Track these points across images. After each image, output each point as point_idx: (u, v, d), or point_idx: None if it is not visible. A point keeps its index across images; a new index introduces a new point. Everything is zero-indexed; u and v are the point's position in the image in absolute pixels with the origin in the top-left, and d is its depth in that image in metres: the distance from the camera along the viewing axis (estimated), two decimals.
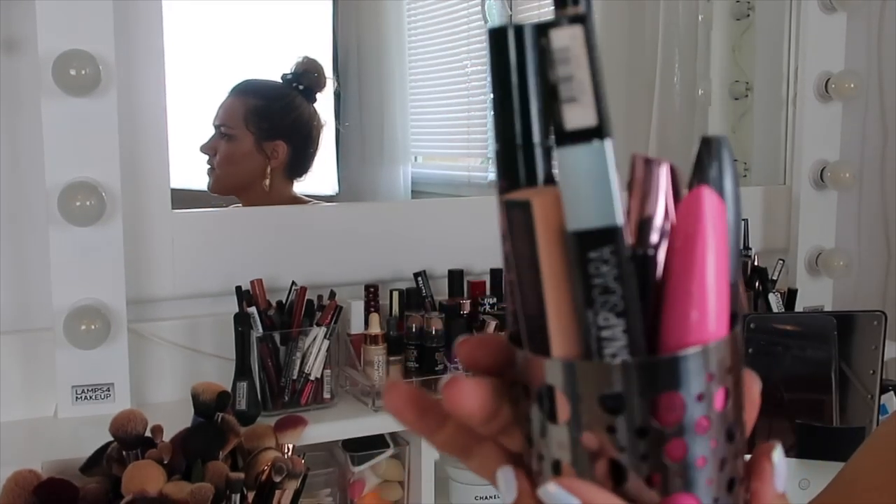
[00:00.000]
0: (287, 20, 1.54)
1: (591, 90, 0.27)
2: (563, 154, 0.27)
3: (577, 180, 0.27)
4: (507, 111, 0.29)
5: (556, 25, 0.27)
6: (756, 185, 1.67)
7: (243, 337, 1.09)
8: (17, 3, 1.08)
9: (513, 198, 0.28)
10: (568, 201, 0.27)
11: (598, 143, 0.27)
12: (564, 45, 0.27)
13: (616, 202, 0.27)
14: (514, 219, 0.28)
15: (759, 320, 1.26)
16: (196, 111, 1.46)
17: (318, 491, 1.17)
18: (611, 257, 0.27)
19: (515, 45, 0.29)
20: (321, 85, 1.48)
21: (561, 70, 0.27)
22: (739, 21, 1.75)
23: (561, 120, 0.27)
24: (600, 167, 0.27)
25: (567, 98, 0.27)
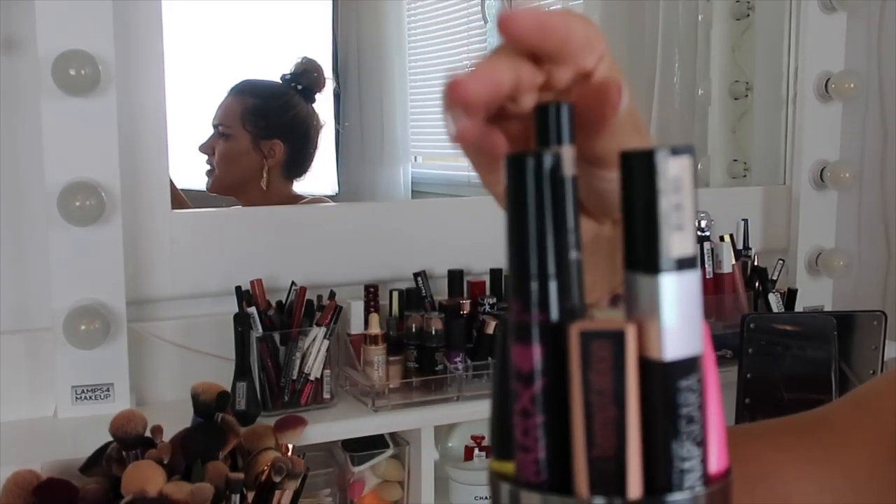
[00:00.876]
0: (287, 20, 1.54)
1: (692, 219, 0.27)
2: (664, 282, 0.27)
3: (675, 308, 0.27)
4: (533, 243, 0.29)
5: (671, 154, 0.27)
6: (756, 185, 1.67)
7: (243, 337, 1.09)
8: (17, 3, 1.08)
9: (597, 328, 0.27)
10: (667, 330, 0.27)
11: (694, 271, 0.27)
12: (678, 175, 0.27)
13: (703, 328, 0.28)
14: (595, 351, 0.27)
15: (759, 320, 1.26)
16: (196, 111, 1.46)
17: (317, 491, 1.17)
18: (697, 385, 0.28)
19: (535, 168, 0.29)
20: (320, 85, 1.49)
21: (672, 199, 0.27)
22: (739, 21, 1.75)
23: (665, 248, 0.27)
24: (694, 294, 0.28)
25: (675, 226, 0.27)
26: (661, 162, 0.27)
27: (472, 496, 1.26)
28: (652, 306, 0.27)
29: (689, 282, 0.27)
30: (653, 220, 0.27)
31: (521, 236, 0.29)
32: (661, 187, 0.27)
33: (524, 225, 0.29)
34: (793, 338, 1.23)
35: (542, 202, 0.29)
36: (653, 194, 0.27)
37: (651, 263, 0.27)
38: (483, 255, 1.30)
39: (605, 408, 0.27)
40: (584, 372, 0.27)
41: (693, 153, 0.28)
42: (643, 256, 0.27)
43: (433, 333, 1.16)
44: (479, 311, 1.23)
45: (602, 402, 0.27)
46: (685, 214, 0.27)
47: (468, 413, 1.18)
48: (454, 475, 1.27)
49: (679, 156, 0.27)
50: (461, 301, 1.23)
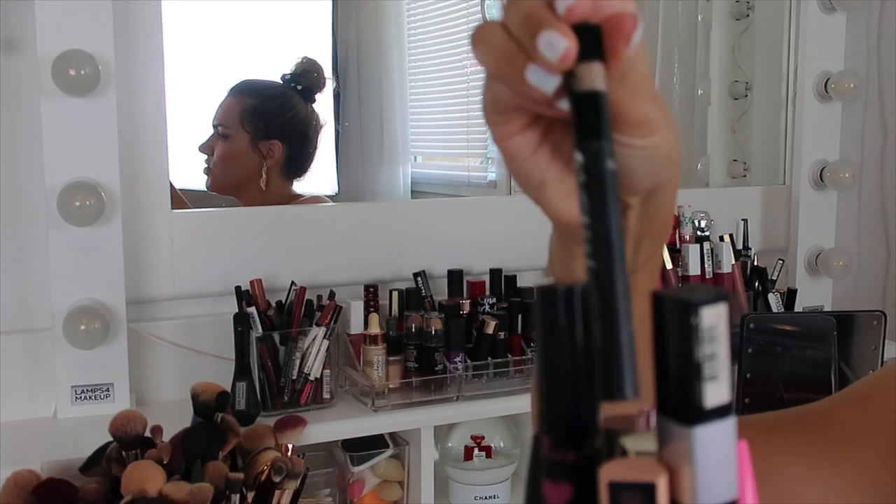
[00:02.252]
0: (287, 20, 1.54)
1: (727, 367, 0.27)
2: (698, 433, 0.27)
3: (710, 457, 0.27)
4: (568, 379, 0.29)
5: (707, 303, 0.27)
6: (756, 185, 1.67)
7: (243, 337, 1.09)
8: (17, 3, 1.08)
9: (621, 479, 0.27)
10: (702, 480, 0.27)
11: (728, 420, 0.27)
12: (712, 324, 0.27)
13: (736, 471, 0.27)
14: (625, 502, 0.27)
15: (759, 320, 1.26)
16: (196, 111, 1.46)
17: (317, 491, 1.17)
18: None
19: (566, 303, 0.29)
20: (320, 85, 1.49)
21: (707, 348, 0.26)
22: (739, 21, 1.75)
23: (700, 398, 0.27)
24: (729, 443, 0.27)
25: (709, 376, 0.26)
26: (695, 313, 0.26)
27: (471, 496, 1.26)
28: (686, 456, 0.27)
29: (724, 429, 0.27)
30: (686, 372, 0.27)
31: (551, 371, 0.29)
32: (695, 338, 0.26)
33: (556, 362, 0.29)
34: (792, 338, 1.23)
35: (574, 340, 0.29)
36: (687, 346, 0.26)
37: (684, 415, 0.27)
38: (483, 255, 1.30)
39: None
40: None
41: (728, 299, 0.27)
42: (676, 407, 0.27)
43: (433, 333, 1.16)
44: (479, 311, 1.23)
45: None
46: (720, 363, 0.27)
47: (468, 413, 1.18)
48: (454, 475, 1.27)
49: (714, 304, 0.27)
50: (461, 301, 1.23)
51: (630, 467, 0.27)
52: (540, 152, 0.39)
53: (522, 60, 0.34)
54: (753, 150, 1.75)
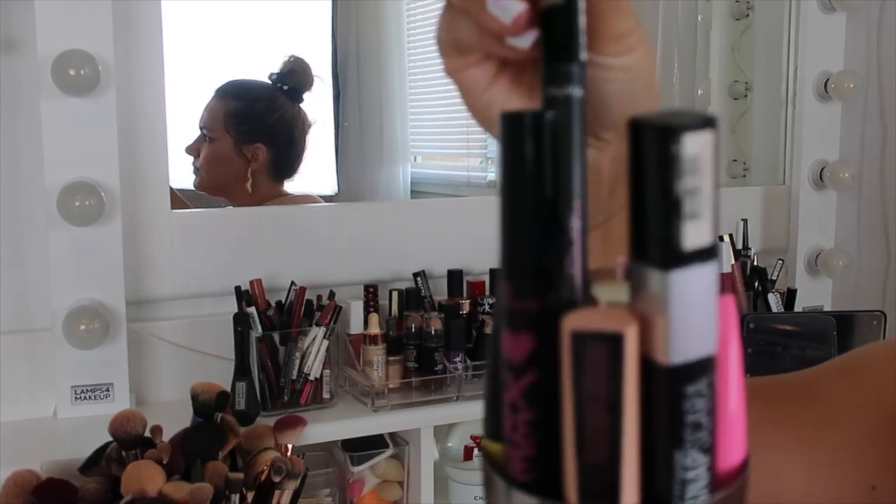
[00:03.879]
0: (286, 20, 1.54)
1: (712, 205, 0.24)
2: (675, 278, 0.23)
3: (687, 307, 0.24)
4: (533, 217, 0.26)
5: (687, 129, 0.23)
6: (756, 185, 1.67)
7: (242, 337, 1.09)
8: (17, 3, 1.08)
9: (586, 329, 0.24)
10: (676, 331, 0.24)
11: (711, 264, 0.24)
12: (695, 154, 0.23)
13: (716, 325, 0.24)
14: (589, 354, 0.24)
15: (759, 320, 1.26)
16: (195, 111, 1.46)
17: (317, 491, 1.17)
18: (707, 389, 0.24)
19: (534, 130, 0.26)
20: (307, 85, 1.47)
21: (688, 181, 0.23)
22: (739, 21, 1.75)
23: (678, 238, 0.23)
24: (710, 291, 0.24)
25: (690, 214, 0.23)
26: (676, 140, 0.23)
27: (471, 496, 1.26)
28: (660, 304, 0.24)
29: (705, 276, 0.24)
30: (664, 208, 0.23)
31: (514, 210, 0.26)
32: (675, 169, 0.23)
33: (519, 198, 0.26)
34: (792, 338, 1.23)
35: (543, 174, 0.25)
36: (665, 178, 0.23)
37: (660, 257, 0.23)
38: (483, 255, 1.30)
39: (598, 415, 0.24)
40: (576, 376, 0.24)
41: (716, 126, 0.24)
42: (651, 248, 0.24)
43: (433, 333, 1.16)
44: (479, 311, 1.23)
45: (595, 409, 0.24)
46: (702, 199, 0.23)
47: (468, 413, 1.18)
48: (454, 475, 1.27)
49: (699, 131, 0.23)
50: (460, 301, 1.23)
51: (597, 317, 0.25)
52: (498, 82, 0.36)
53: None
54: (753, 150, 1.75)
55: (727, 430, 0.26)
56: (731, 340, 0.26)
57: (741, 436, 0.27)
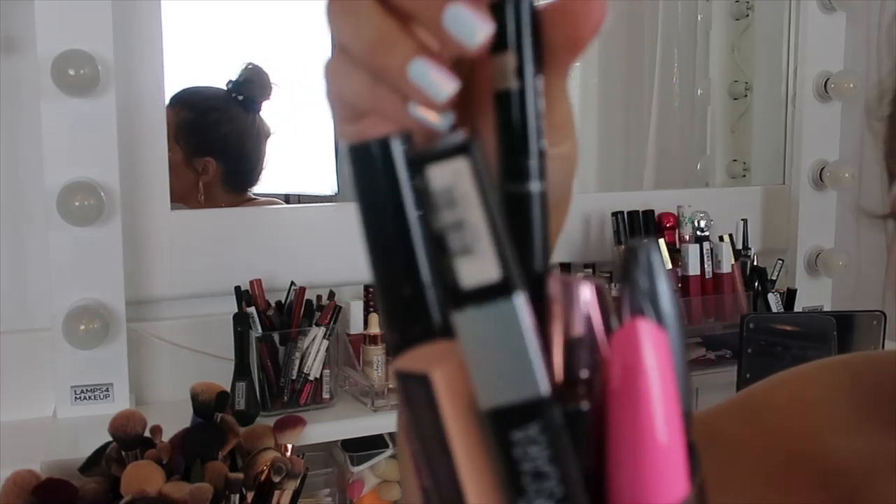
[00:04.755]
0: (286, 20, 1.54)
1: (488, 235, 0.21)
2: (462, 319, 0.22)
3: (484, 349, 0.22)
4: (386, 249, 0.24)
5: (431, 160, 0.21)
6: (755, 185, 1.67)
7: (242, 337, 1.09)
8: (17, 3, 1.08)
9: (405, 369, 0.23)
10: (476, 375, 0.22)
11: (504, 301, 0.21)
12: (447, 185, 0.21)
13: (537, 368, 0.22)
14: (410, 393, 0.23)
15: (759, 320, 1.26)
16: None
17: (317, 491, 1.17)
18: (540, 436, 0.22)
19: (383, 161, 0.24)
20: (265, 94, 1.42)
21: (447, 216, 0.21)
22: (738, 21, 1.75)
23: (454, 277, 0.21)
24: (511, 330, 0.21)
25: (459, 250, 0.21)
26: (420, 174, 0.21)
27: None
28: (461, 347, 0.22)
29: (501, 313, 0.21)
30: (434, 246, 0.22)
31: (371, 242, 0.25)
32: (427, 205, 0.21)
33: (372, 229, 0.25)
34: (792, 338, 1.23)
35: (396, 205, 0.24)
36: (424, 215, 0.22)
37: (444, 299, 0.22)
38: None
39: (436, 454, 0.23)
40: (410, 413, 0.23)
41: (469, 150, 0.21)
42: (442, 288, 0.22)
43: None
44: None
45: (432, 447, 0.23)
46: (472, 232, 0.21)
47: None
48: None
49: (443, 161, 0.21)
50: None
51: (424, 356, 0.23)
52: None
53: (409, 46, 0.26)
54: (753, 150, 1.75)
55: (648, 466, 0.23)
56: (644, 369, 0.23)
57: (674, 473, 0.24)
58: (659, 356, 0.23)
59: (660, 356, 0.23)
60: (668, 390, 0.23)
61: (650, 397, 0.23)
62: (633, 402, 0.23)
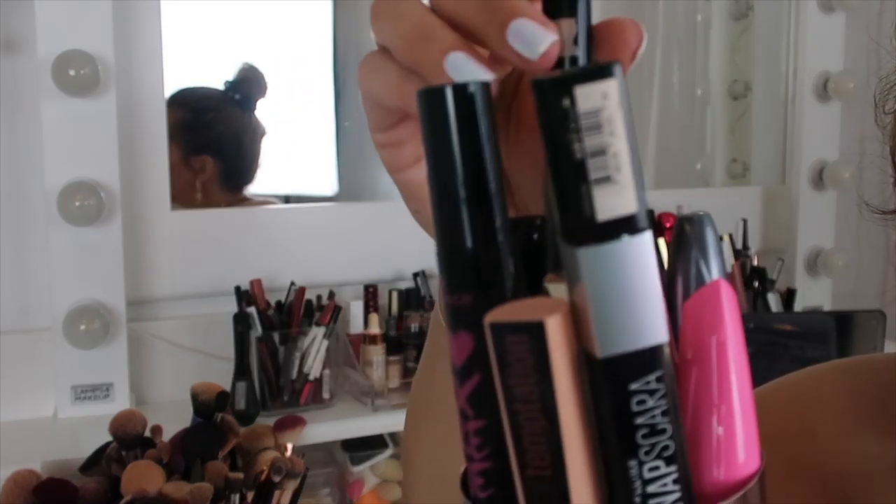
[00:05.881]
0: (286, 20, 1.54)
1: (629, 166, 0.20)
2: (592, 255, 0.20)
3: (612, 289, 0.20)
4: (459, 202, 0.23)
5: (581, 80, 0.20)
6: (755, 185, 1.67)
7: (242, 337, 1.10)
8: (17, 3, 1.08)
9: (506, 319, 0.21)
10: (600, 318, 0.20)
11: (639, 236, 0.20)
12: (595, 107, 0.20)
13: (662, 312, 0.21)
14: (510, 348, 0.21)
15: (759, 320, 1.26)
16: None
17: (317, 491, 1.17)
18: (658, 386, 0.21)
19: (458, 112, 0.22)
20: (260, 93, 1.44)
21: (590, 141, 0.20)
22: (738, 21, 1.75)
23: (590, 209, 0.20)
24: (643, 269, 0.20)
25: (600, 179, 0.20)
26: (566, 94, 0.20)
27: None
28: (583, 288, 0.20)
29: (631, 250, 0.20)
30: (567, 174, 0.20)
31: (442, 198, 0.23)
32: (571, 128, 0.20)
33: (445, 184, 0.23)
34: (792, 338, 1.23)
35: (468, 151, 0.22)
36: (562, 138, 0.20)
37: (572, 232, 0.20)
38: None
39: (533, 419, 0.21)
40: (503, 375, 0.21)
41: (615, 74, 0.20)
42: (565, 223, 0.21)
43: None
44: None
45: (529, 412, 0.21)
46: (613, 161, 0.20)
47: None
48: None
49: (594, 81, 0.20)
50: None
51: (522, 308, 0.21)
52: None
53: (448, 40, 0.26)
54: (753, 150, 1.75)
55: (724, 434, 0.22)
56: (724, 328, 0.23)
57: (749, 442, 0.23)
58: (737, 317, 0.23)
59: (737, 317, 0.23)
60: (743, 352, 0.23)
61: (733, 358, 0.22)
62: (718, 362, 0.22)
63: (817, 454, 0.47)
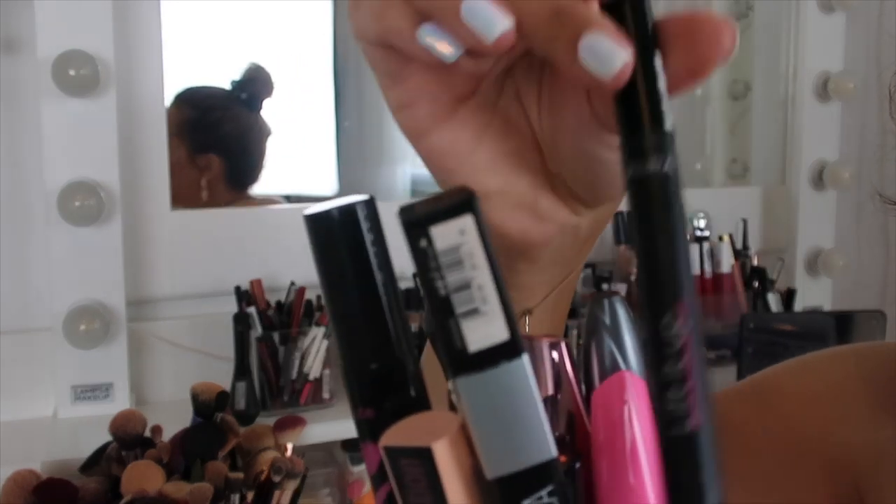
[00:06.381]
0: (286, 20, 1.54)
1: (495, 294, 0.21)
2: (468, 385, 0.21)
3: (493, 414, 0.21)
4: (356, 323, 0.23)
5: (435, 220, 0.21)
6: (755, 185, 1.67)
7: (242, 337, 1.10)
8: (17, 3, 1.08)
9: (399, 443, 0.22)
10: (483, 442, 0.21)
11: (514, 361, 0.21)
12: (453, 244, 0.20)
13: (546, 428, 0.21)
14: (405, 470, 0.21)
15: (759, 320, 1.27)
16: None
17: (317, 491, 1.17)
18: (551, 500, 0.21)
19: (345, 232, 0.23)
20: (267, 93, 1.44)
21: (452, 277, 0.21)
22: (738, 21, 1.75)
23: (461, 342, 0.21)
24: (521, 391, 0.21)
25: (466, 312, 0.21)
26: (423, 236, 0.21)
27: None
28: (464, 414, 0.21)
29: (507, 376, 0.21)
30: (436, 310, 0.21)
31: (338, 319, 0.23)
32: (433, 266, 0.21)
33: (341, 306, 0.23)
34: (792, 338, 1.23)
35: (359, 272, 0.23)
36: (426, 276, 0.21)
37: (448, 364, 0.21)
38: None
39: None
40: (402, 493, 0.22)
41: (474, 207, 0.20)
42: (443, 354, 0.21)
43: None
44: None
45: None
46: (479, 293, 0.20)
47: None
48: None
49: (449, 220, 0.20)
50: None
51: (416, 428, 0.22)
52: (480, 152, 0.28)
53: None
54: (753, 150, 1.75)
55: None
56: (626, 426, 0.23)
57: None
58: (642, 405, 0.23)
59: (642, 405, 0.23)
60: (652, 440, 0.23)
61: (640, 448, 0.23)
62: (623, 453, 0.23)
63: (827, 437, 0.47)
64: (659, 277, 0.21)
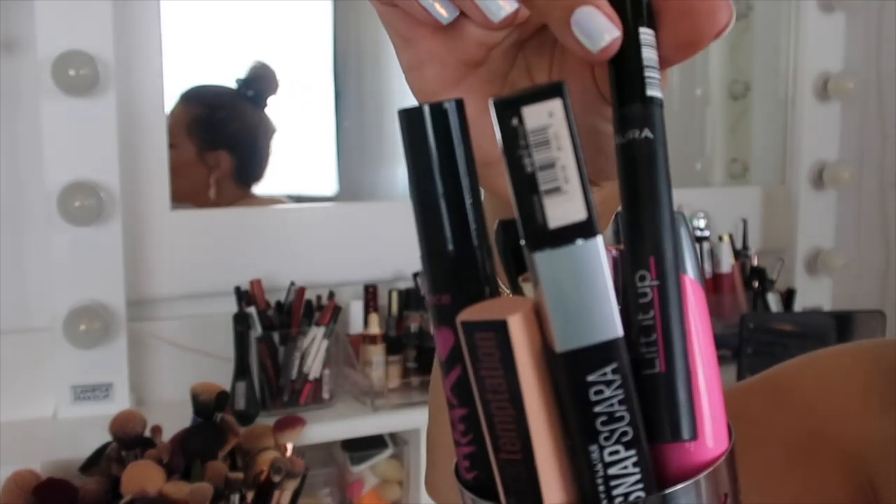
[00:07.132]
0: (286, 20, 1.54)
1: (577, 176, 0.22)
2: (546, 259, 0.22)
3: (567, 289, 0.22)
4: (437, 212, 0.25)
5: (528, 101, 0.22)
6: (755, 185, 1.67)
7: (242, 337, 1.10)
8: (17, 4, 1.08)
9: (475, 318, 0.23)
10: (557, 316, 0.22)
11: (590, 240, 0.22)
12: (541, 125, 0.22)
13: (615, 308, 0.23)
14: (479, 344, 0.23)
15: (759, 320, 1.27)
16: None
17: (317, 491, 1.17)
18: (614, 377, 0.23)
19: (434, 127, 0.25)
20: (272, 90, 1.45)
21: (539, 156, 0.22)
22: (738, 21, 1.75)
23: (542, 217, 0.22)
24: (595, 270, 0.22)
25: (549, 189, 0.22)
26: (515, 114, 0.22)
27: None
28: (540, 289, 0.23)
29: (581, 254, 0.22)
30: (520, 186, 0.22)
31: (422, 203, 0.25)
32: (521, 145, 0.22)
33: (424, 192, 0.25)
34: (792, 338, 1.24)
35: (445, 165, 0.25)
36: (514, 154, 0.22)
37: (528, 239, 0.23)
38: None
39: (502, 407, 0.23)
40: (475, 368, 0.23)
41: (562, 93, 0.22)
42: (523, 231, 0.23)
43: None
44: None
45: (499, 402, 0.23)
46: (561, 172, 0.22)
47: None
48: None
49: (540, 101, 0.22)
50: None
51: (490, 307, 0.24)
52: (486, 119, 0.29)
53: None
54: (753, 150, 1.75)
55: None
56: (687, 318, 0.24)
57: (717, 423, 0.25)
58: (704, 311, 0.25)
59: (704, 311, 0.25)
60: (711, 345, 0.24)
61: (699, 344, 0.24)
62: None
63: (842, 431, 0.47)
64: (640, 232, 0.24)
